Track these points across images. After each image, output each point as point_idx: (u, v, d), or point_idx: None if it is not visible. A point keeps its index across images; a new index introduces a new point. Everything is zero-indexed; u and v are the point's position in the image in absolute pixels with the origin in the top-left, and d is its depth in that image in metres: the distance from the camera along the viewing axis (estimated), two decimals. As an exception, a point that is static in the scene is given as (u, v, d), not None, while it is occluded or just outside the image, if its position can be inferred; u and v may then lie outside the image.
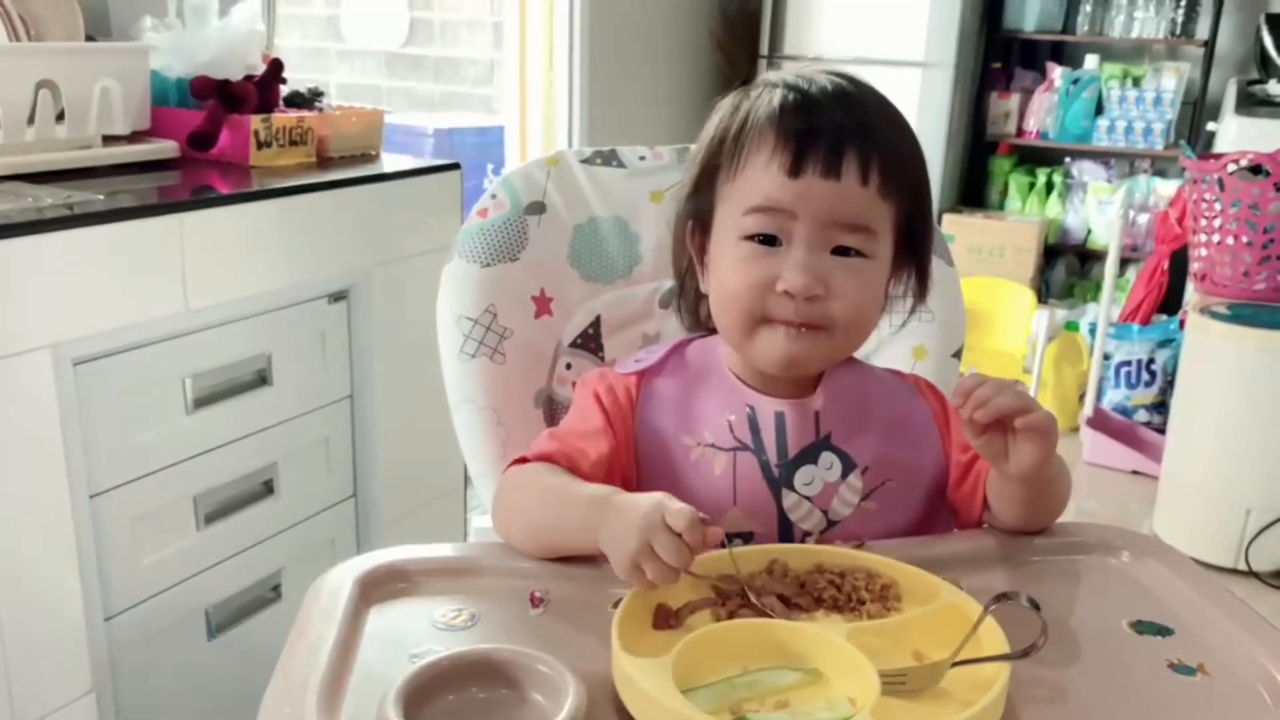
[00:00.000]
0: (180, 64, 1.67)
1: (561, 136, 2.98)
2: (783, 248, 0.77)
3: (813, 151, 0.75)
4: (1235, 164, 2.44)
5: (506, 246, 1.01)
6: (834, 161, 0.75)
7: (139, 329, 1.35)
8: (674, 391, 0.84)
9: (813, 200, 0.76)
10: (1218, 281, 2.51)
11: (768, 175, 0.77)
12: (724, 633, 0.66)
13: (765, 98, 0.79)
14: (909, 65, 3.50)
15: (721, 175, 0.81)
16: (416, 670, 0.61)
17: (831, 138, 0.76)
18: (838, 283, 0.77)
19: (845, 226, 0.77)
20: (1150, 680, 0.67)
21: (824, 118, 0.77)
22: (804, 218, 0.76)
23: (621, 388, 0.85)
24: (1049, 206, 3.96)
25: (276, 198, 1.53)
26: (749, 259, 0.78)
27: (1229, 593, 0.75)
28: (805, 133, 0.76)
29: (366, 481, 1.76)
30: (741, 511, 0.81)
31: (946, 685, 0.63)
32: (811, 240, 0.76)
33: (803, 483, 0.81)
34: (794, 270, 0.76)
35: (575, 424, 0.84)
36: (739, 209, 0.79)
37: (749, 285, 0.78)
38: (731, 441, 0.81)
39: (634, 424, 0.83)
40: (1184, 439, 2.50)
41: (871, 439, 0.83)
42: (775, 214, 0.77)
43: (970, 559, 0.80)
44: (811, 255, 0.76)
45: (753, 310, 0.78)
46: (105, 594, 1.36)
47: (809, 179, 0.75)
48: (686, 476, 0.82)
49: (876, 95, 0.81)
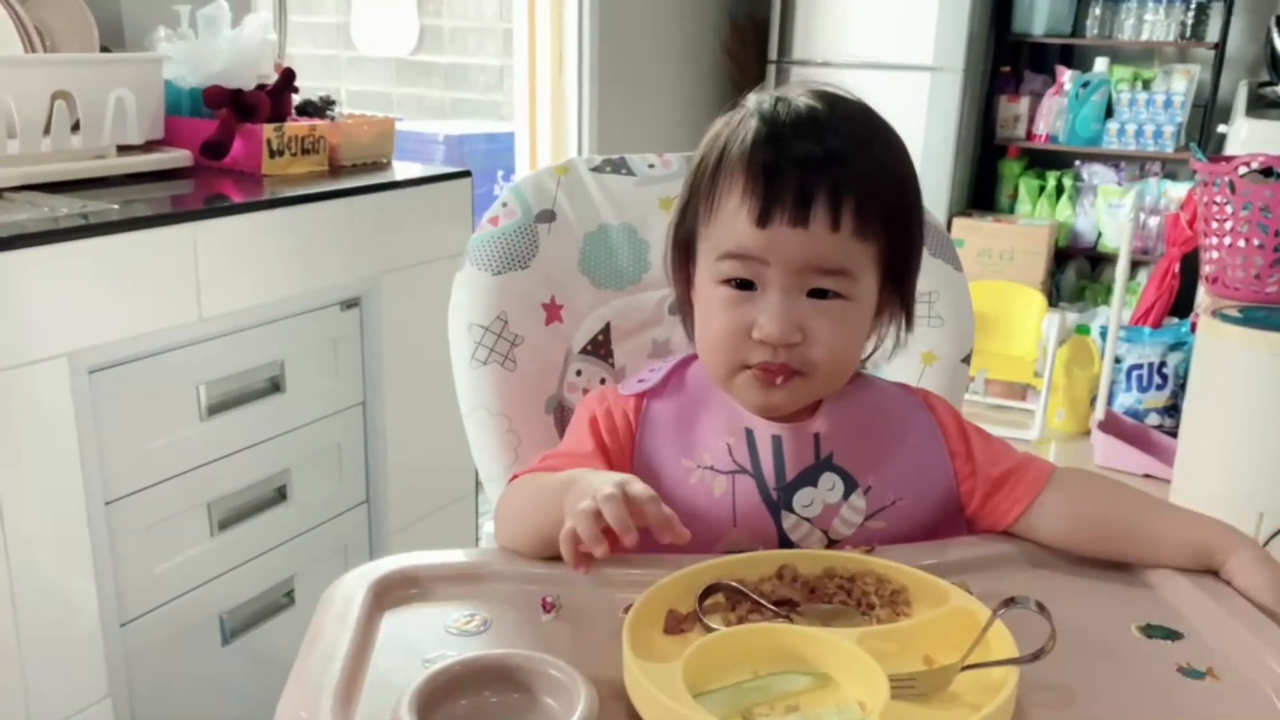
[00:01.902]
0: (193, 74, 1.68)
1: (571, 143, 2.99)
2: (759, 292, 0.77)
3: (780, 199, 0.74)
4: (1246, 166, 2.43)
5: (517, 254, 1.02)
6: (801, 210, 0.74)
7: (153, 337, 1.37)
8: (674, 413, 0.84)
9: (782, 248, 0.75)
10: (1229, 284, 2.50)
11: (738, 222, 0.76)
12: (734, 637, 0.67)
13: (741, 129, 0.78)
14: (918, 69, 3.50)
15: (701, 213, 0.80)
16: (429, 675, 0.62)
17: (799, 183, 0.74)
18: (815, 327, 0.76)
19: (819, 271, 0.76)
20: (1159, 684, 0.67)
21: (791, 159, 0.75)
22: (775, 265, 0.75)
23: (620, 411, 0.84)
24: (1059, 210, 3.96)
25: (289, 206, 1.54)
26: (726, 305, 0.78)
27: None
28: (772, 178, 0.74)
29: (379, 488, 1.77)
30: (742, 533, 0.81)
31: (956, 689, 0.63)
32: (786, 286, 0.76)
33: (802, 504, 0.81)
34: (768, 318, 0.76)
35: (569, 446, 0.85)
36: (715, 252, 0.78)
37: (726, 333, 0.78)
38: (730, 464, 0.81)
39: (633, 447, 0.83)
40: (1196, 442, 2.49)
41: (875, 457, 0.82)
42: (748, 261, 0.76)
43: (979, 563, 0.80)
44: (787, 300, 0.76)
45: (731, 357, 0.78)
46: (120, 600, 1.37)
47: (777, 228, 0.74)
48: (686, 498, 0.81)
49: (854, 118, 0.78)
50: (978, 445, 0.84)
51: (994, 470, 0.83)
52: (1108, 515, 0.81)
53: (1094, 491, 0.83)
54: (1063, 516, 0.81)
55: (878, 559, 0.75)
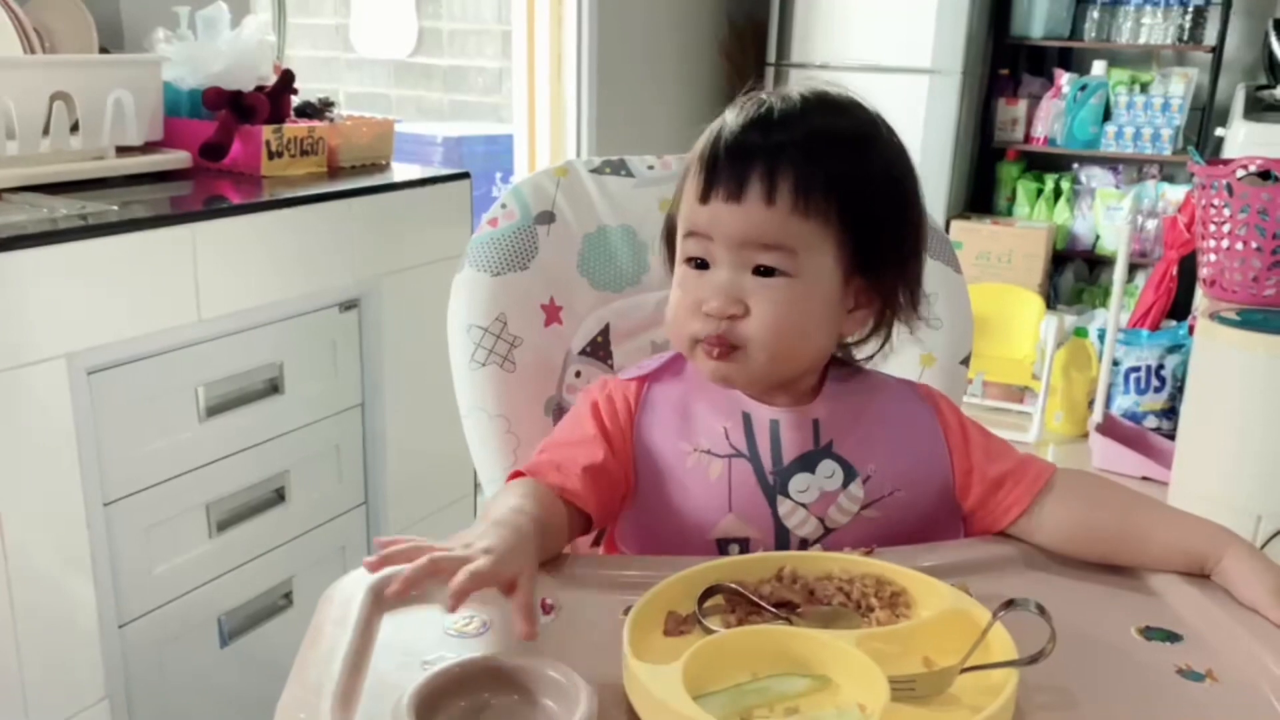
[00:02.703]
0: (192, 75, 1.68)
1: (570, 145, 2.99)
2: (711, 270, 0.79)
3: (719, 177, 0.77)
4: (1244, 169, 2.44)
5: (516, 255, 1.02)
6: (735, 184, 0.77)
7: (152, 338, 1.37)
8: (673, 398, 0.85)
9: (722, 223, 0.78)
10: (1227, 287, 2.51)
11: (689, 201, 0.80)
12: (734, 639, 0.67)
13: (718, 124, 0.81)
14: (916, 72, 3.51)
15: (677, 201, 0.84)
16: (429, 677, 0.62)
17: (738, 160, 0.77)
18: (755, 301, 0.78)
19: (759, 245, 0.77)
20: (1158, 686, 0.67)
21: (735, 141, 0.78)
22: (718, 240, 0.78)
23: (620, 396, 0.86)
24: (1057, 212, 3.96)
25: (288, 207, 1.54)
26: (684, 282, 0.81)
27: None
28: (715, 159, 0.78)
29: (377, 489, 1.76)
30: (737, 517, 0.81)
31: (955, 691, 0.63)
32: (731, 261, 0.78)
33: (798, 490, 0.81)
34: (711, 291, 0.79)
35: (566, 433, 0.85)
36: (680, 232, 0.82)
37: (683, 308, 0.81)
38: (727, 448, 0.82)
39: (633, 431, 0.84)
40: (1193, 445, 2.49)
41: (875, 447, 0.83)
42: (699, 238, 0.79)
43: (979, 565, 0.80)
44: (732, 275, 0.78)
45: (684, 330, 0.81)
46: (119, 601, 1.37)
47: (715, 204, 0.78)
48: (683, 482, 0.82)
49: (828, 109, 0.80)
50: (977, 442, 0.84)
51: (993, 470, 0.83)
52: (1106, 518, 0.81)
53: (1093, 494, 0.83)
54: (1061, 519, 0.81)
55: (877, 560, 0.75)
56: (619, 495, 0.85)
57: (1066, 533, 0.81)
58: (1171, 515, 0.82)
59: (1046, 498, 0.81)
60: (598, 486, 0.81)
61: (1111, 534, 0.80)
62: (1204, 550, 0.77)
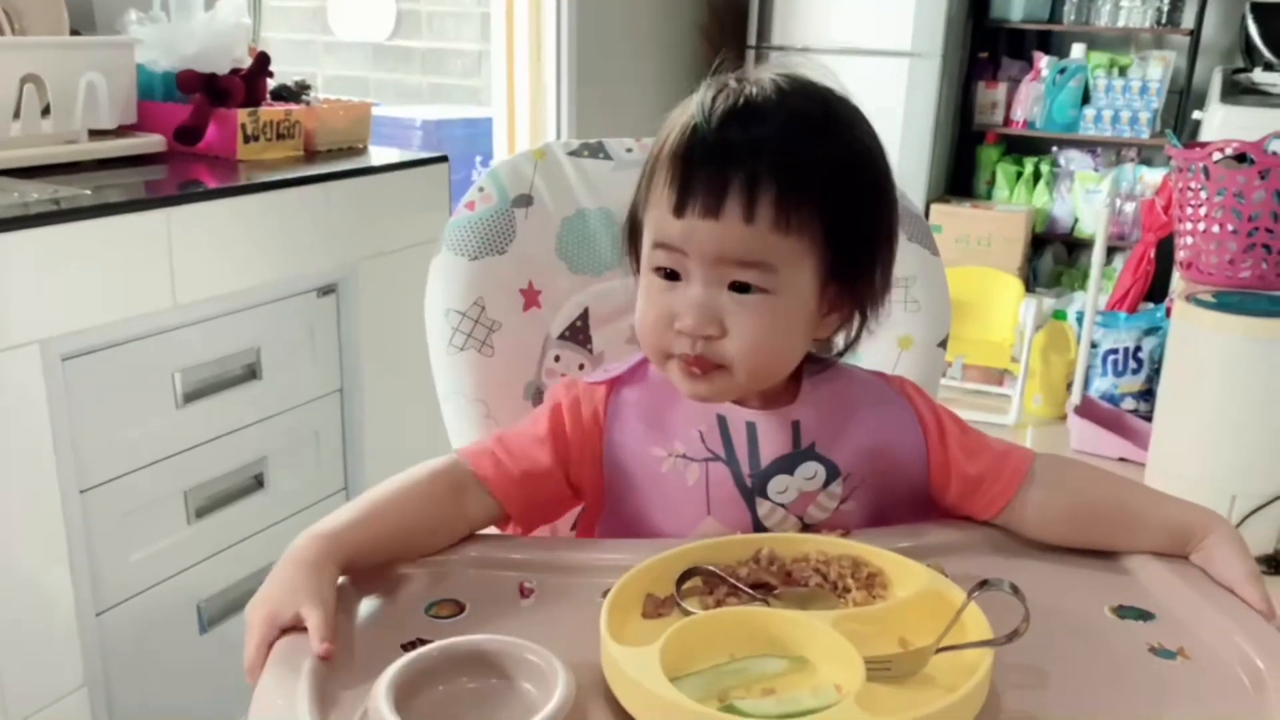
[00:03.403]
0: (166, 58, 1.66)
1: (550, 128, 2.97)
2: (683, 282, 0.75)
3: (694, 188, 0.72)
4: (1220, 153, 2.45)
5: (494, 239, 1.02)
6: (713, 200, 0.72)
7: (127, 324, 1.35)
8: (643, 402, 0.82)
9: (697, 239, 0.73)
10: (1203, 269, 2.53)
11: (661, 210, 0.75)
12: (711, 621, 0.67)
13: (685, 113, 0.75)
14: (896, 55, 3.51)
15: (641, 200, 0.79)
16: (406, 661, 0.62)
17: (714, 173, 0.72)
18: (733, 321, 0.74)
19: (737, 263, 0.73)
20: (1131, 664, 0.68)
21: (710, 147, 0.73)
22: (693, 255, 0.74)
23: (589, 401, 0.83)
24: (1036, 196, 3.98)
25: (264, 191, 1.53)
26: (655, 293, 0.77)
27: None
28: (690, 167, 0.73)
29: (357, 474, 1.76)
30: (716, 521, 0.80)
31: (931, 671, 0.64)
32: (706, 277, 0.74)
33: (776, 491, 0.80)
34: (686, 308, 0.74)
35: (525, 427, 0.83)
36: (649, 239, 0.77)
37: (654, 321, 0.77)
38: (703, 452, 0.80)
39: (603, 437, 0.82)
40: (1170, 426, 2.51)
41: (854, 445, 0.82)
42: (670, 251, 0.75)
43: (954, 546, 0.81)
44: (707, 292, 0.74)
45: (658, 346, 0.77)
46: (96, 589, 1.36)
47: (690, 219, 0.73)
48: (659, 488, 0.81)
49: (802, 105, 0.75)
50: (953, 436, 0.83)
51: (971, 468, 0.82)
52: (1092, 506, 0.81)
53: (1075, 482, 0.83)
54: (1045, 510, 0.80)
55: (854, 542, 0.75)
56: (558, 503, 0.84)
57: (1053, 523, 0.80)
58: (1156, 498, 0.82)
59: (1028, 490, 0.80)
60: (530, 491, 0.80)
61: (1099, 521, 0.80)
62: (1190, 530, 0.78)
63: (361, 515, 0.75)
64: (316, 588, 0.68)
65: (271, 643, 0.66)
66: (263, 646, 0.66)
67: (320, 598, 0.67)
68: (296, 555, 0.70)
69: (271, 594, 0.68)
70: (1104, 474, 0.84)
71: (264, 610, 0.67)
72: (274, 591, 0.68)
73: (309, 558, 0.70)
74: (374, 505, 0.76)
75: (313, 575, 0.69)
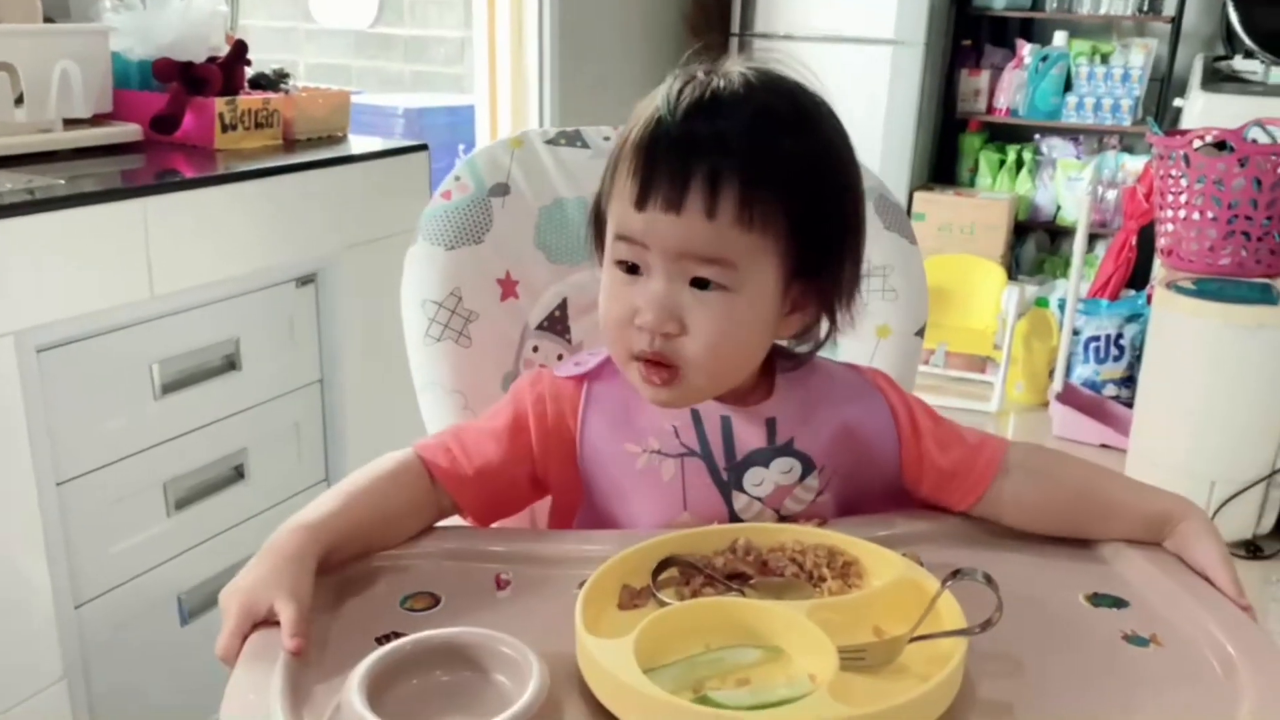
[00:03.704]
0: (142, 46, 1.65)
1: (532, 116, 2.96)
2: (644, 277, 0.74)
3: (656, 181, 0.71)
4: (1201, 140, 2.46)
5: (471, 229, 1.01)
6: (675, 194, 0.71)
7: (104, 315, 1.34)
8: (616, 397, 0.82)
9: (658, 234, 0.72)
10: (1184, 257, 2.54)
11: (623, 202, 0.74)
12: (687, 612, 0.67)
13: (652, 104, 0.74)
14: (879, 43, 3.50)
15: (607, 189, 0.77)
16: (379, 655, 0.61)
17: (677, 165, 0.71)
18: (693, 318, 0.73)
19: (698, 259, 0.72)
20: (1104, 652, 0.68)
21: (673, 140, 0.72)
22: (654, 249, 0.73)
23: (559, 398, 0.82)
24: (1019, 183, 3.99)
25: (242, 181, 1.52)
26: (616, 287, 0.76)
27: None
28: (652, 160, 0.72)
29: (338, 466, 1.75)
30: (692, 516, 0.80)
31: (905, 660, 0.64)
32: (667, 272, 0.73)
33: (752, 484, 0.80)
34: (647, 303, 0.73)
35: (483, 422, 0.83)
36: (612, 231, 0.76)
37: (615, 318, 0.76)
38: (678, 447, 0.80)
39: (577, 435, 0.81)
40: (1151, 413, 2.53)
41: (830, 439, 0.81)
42: (632, 244, 0.74)
43: (931, 535, 0.81)
44: (668, 287, 0.73)
45: (620, 343, 0.76)
46: (75, 581, 1.36)
47: (652, 212, 0.72)
48: (635, 484, 0.81)
49: (769, 100, 0.73)
50: (926, 429, 0.83)
51: (944, 460, 0.82)
52: (1067, 495, 0.82)
53: (1050, 470, 0.83)
54: (1022, 500, 0.81)
55: (830, 531, 0.76)
56: (516, 499, 0.84)
57: (1029, 512, 0.81)
58: (1131, 486, 0.83)
59: (1003, 480, 0.80)
60: (484, 487, 0.80)
61: (1074, 510, 0.81)
62: (1165, 517, 0.79)
63: (340, 506, 0.75)
64: (294, 582, 0.68)
65: (246, 634, 0.66)
66: (237, 636, 0.66)
67: (297, 592, 0.67)
68: (277, 547, 0.71)
69: (249, 585, 0.68)
70: (1079, 462, 0.85)
71: (240, 600, 0.67)
72: (251, 582, 0.68)
73: (289, 550, 0.70)
74: (351, 496, 0.76)
75: (292, 568, 0.69)
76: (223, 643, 0.67)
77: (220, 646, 0.67)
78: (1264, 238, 2.43)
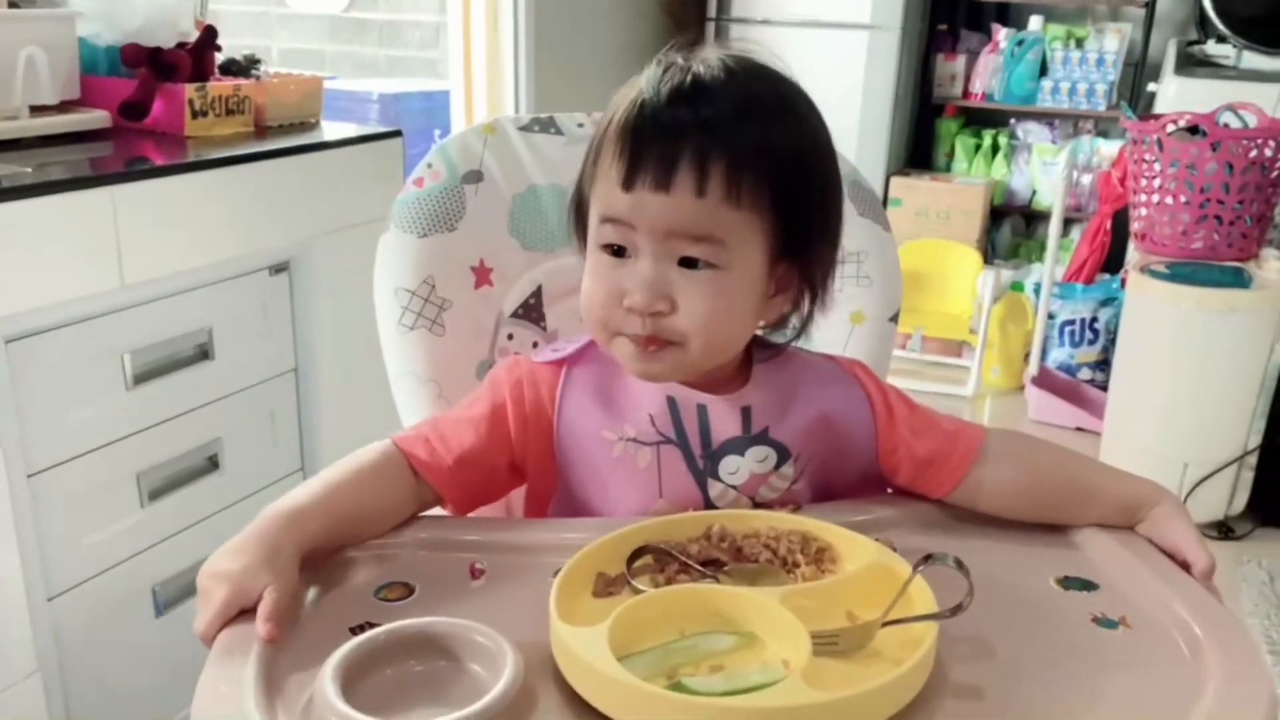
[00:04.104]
0: (109, 31, 1.62)
1: (508, 101, 2.94)
2: (631, 259, 0.75)
3: (644, 162, 0.72)
4: (1174, 125, 2.48)
5: (444, 216, 1.00)
6: (664, 173, 0.71)
7: (73, 305, 1.33)
8: (593, 383, 0.82)
9: (647, 213, 0.73)
10: (1157, 240, 2.56)
11: (608, 184, 0.74)
12: (661, 599, 0.67)
13: (633, 89, 0.75)
14: (856, 28, 3.50)
15: (587, 177, 0.78)
16: (353, 645, 0.61)
17: (664, 146, 0.72)
18: (683, 297, 0.74)
19: (687, 238, 0.73)
20: (1074, 634, 0.69)
21: (660, 122, 0.72)
22: (641, 230, 0.73)
23: (537, 383, 0.82)
24: (995, 168, 4.00)
25: (213, 168, 1.50)
26: (601, 270, 0.76)
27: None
28: (639, 141, 0.72)
29: (314, 454, 1.75)
30: (668, 503, 0.80)
31: (878, 645, 0.64)
32: (655, 252, 0.73)
33: (728, 472, 0.80)
34: (636, 285, 0.74)
35: (459, 412, 0.83)
36: (597, 215, 0.76)
37: (601, 298, 0.76)
38: (654, 435, 0.80)
39: (554, 421, 0.81)
40: (1125, 395, 2.55)
41: (806, 428, 0.82)
42: (619, 225, 0.74)
43: (905, 521, 0.82)
44: (657, 267, 0.74)
45: (605, 323, 0.77)
46: (47, 574, 1.35)
47: (640, 192, 0.72)
48: (611, 471, 0.81)
49: (750, 84, 0.74)
50: (903, 417, 0.83)
51: (921, 448, 0.82)
52: (1044, 481, 0.82)
53: (1027, 457, 0.84)
54: (999, 487, 0.81)
55: (803, 517, 0.76)
56: (496, 486, 0.84)
57: (1005, 498, 0.81)
58: (1104, 471, 0.84)
59: (980, 468, 0.81)
60: (464, 476, 0.80)
61: (1049, 496, 0.82)
62: (1138, 502, 0.80)
63: (321, 497, 0.75)
64: (284, 569, 0.68)
65: (232, 618, 0.66)
66: (222, 618, 0.66)
67: (285, 579, 0.68)
68: (262, 533, 0.70)
69: (240, 569, 0.67)
70: (1054, 449, 0.85)
71: (231, 585, 0.66)
72: (243, 567, 0.67)
73: (275, 537, 0.70)
74: (333, 487, 0.76)
75: (280, 555, 0.69)
76: (206, 622, 0.66)
77: (202, 626, 0.66)
78: (1235, 221, 2.45)
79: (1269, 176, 2.42)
